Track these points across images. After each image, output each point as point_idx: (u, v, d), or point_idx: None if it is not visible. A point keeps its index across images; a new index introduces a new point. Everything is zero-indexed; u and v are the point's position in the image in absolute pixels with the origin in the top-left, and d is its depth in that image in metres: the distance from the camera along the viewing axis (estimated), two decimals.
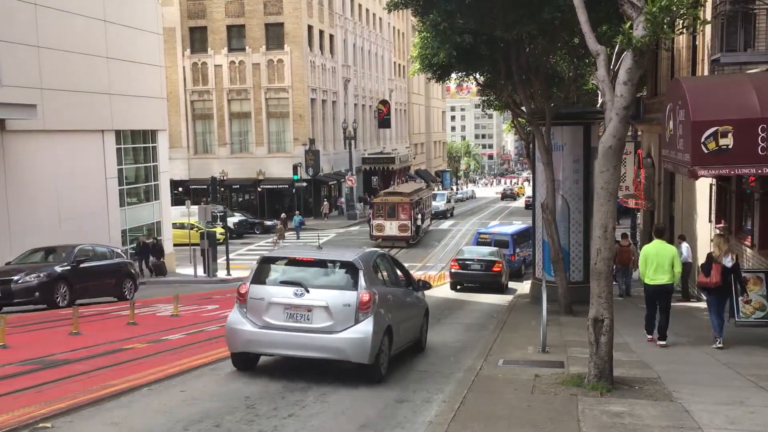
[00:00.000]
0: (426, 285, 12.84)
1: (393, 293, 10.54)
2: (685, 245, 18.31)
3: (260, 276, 9.85)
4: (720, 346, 11.81)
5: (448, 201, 63.93)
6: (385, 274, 10.76)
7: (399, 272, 11.65)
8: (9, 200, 24.58)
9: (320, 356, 9.45)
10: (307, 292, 9.41)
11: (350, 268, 9.75)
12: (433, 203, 54.51)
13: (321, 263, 9.98)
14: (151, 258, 30.19)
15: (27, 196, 24.99)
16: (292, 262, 10.11)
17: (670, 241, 15.70)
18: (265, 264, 10.11)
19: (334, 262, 10.03)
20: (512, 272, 28.03)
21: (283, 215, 46.16)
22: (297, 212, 47.23)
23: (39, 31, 24.91)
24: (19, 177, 24.84)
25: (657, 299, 12.29)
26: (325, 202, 55.34)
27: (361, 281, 9.51)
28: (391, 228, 39.96)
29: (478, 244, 29.71)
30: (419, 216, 41.80)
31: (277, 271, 9.98)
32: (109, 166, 28.45)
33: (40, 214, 25.32)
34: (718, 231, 15.99)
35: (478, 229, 37.21)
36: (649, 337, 12.86)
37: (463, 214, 65.82)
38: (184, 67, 54.50)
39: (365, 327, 9.24)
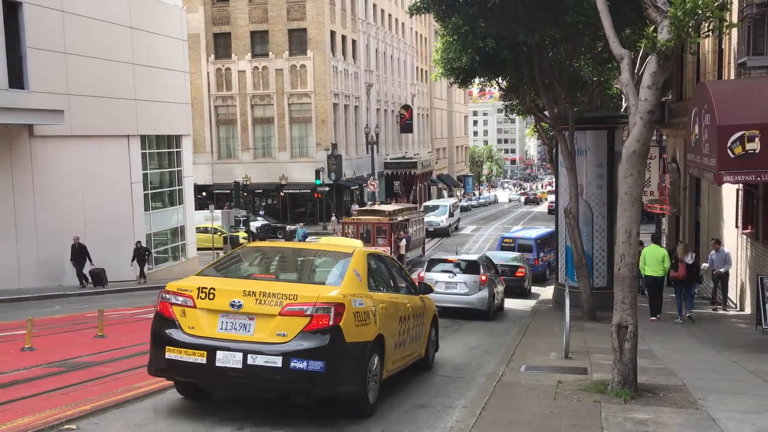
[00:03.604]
0: (502, 273, 22.08)
1: (494, 276, 19.22)
2: (724, 249, 17.73)
3: (430, 268, 19.02)
4: (679, 321, 16.13)
5: (451, 215, 51.16)
6: (489, 265, 19.53)
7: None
8: (36, 204, 24.98)
9: (462, 306, 17.86)
10: (455, 275, 18.25)
11: (475, 263, 18.72)
12: (431, 218, 46.23)
13: (461, 261, 18.89)
14: (90, 264, 25.45)
15: (53, 199, 25.36)
16: (445, 261, 19.19)
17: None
18: (432, 262, 19.63)
19: (467, 260, 19.02)
20: (536, 277, 27.84)
21: (288, 227, 42.06)
22: (300, 224, 42.14)
23: (66, 38, 25.30)
24: (46, 181, 25.24)
25: (653, 286, 16.36)
26: (333, 217, 47.85)
27: (481, 270, 18.28)
28: None
29: (502, 248, 29.46)
30: (403, 242, 33.18)
31: (438, 266, 18.91)
32: (134, 170, 28.77)
33: (66, 217, 25.66)
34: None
35: (502, 234, 36.85)
36: (652, 318, 16.12)
37: (485, 218, 65.57)
38: (208, 73, 54.98)
39: (484, 292, 18.01)
